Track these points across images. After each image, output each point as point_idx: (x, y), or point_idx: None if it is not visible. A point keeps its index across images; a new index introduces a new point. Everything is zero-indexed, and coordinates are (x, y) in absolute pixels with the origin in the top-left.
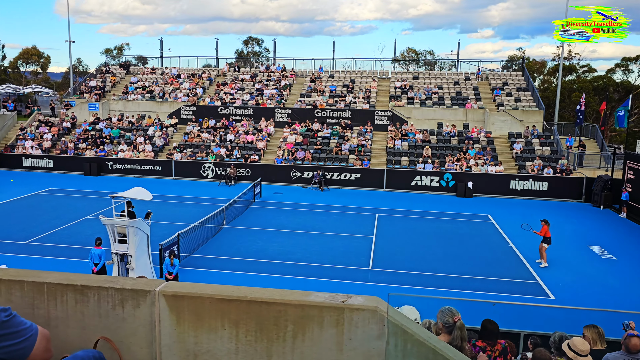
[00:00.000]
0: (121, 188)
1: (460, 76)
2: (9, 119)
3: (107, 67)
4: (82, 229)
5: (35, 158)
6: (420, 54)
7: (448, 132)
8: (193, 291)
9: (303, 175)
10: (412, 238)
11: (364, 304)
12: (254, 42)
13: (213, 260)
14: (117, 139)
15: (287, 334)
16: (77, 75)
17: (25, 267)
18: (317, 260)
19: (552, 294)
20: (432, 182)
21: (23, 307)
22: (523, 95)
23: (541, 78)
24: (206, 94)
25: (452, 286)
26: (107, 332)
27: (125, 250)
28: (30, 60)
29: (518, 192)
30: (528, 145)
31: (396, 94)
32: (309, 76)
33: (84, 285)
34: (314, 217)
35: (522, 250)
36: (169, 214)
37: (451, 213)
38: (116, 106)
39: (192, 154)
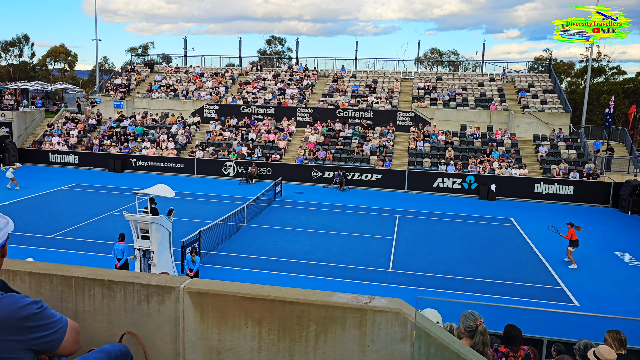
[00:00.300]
0: (144, 185)
1: (484, 77)
2: (37, 115)
3: (132, 65)
4: (106, 224)
5: (61, 154)
6: (444, 55)
7: (471, 133)
8: (217, 289)
9: (324, 175)
10: (433, 240)
11: (388, 306)
12: (276, 42)
13: (233, 258)
14: (141, 137)
15: (309, 334)
16: (103, 73)
17: (51, 261)
18: (337, 260)
19: (577, 301)
20: (454, 184)
21: (52, 300)
22: (549, 97)
23: (568, 80)
24: (229, 93)
25: (473, 290)
26: (132, 327)
27: (147, 246)
28: (58, 58)
29: (542, 195)
30: (554, 149)
31: (419, 94)
32: (331, 76)
33: (110, 280)
34: (334, 217)
35: (545, 254)
36: (191, 211)
37: (473, 216)
38: (140, 104)
39: (214, 152)
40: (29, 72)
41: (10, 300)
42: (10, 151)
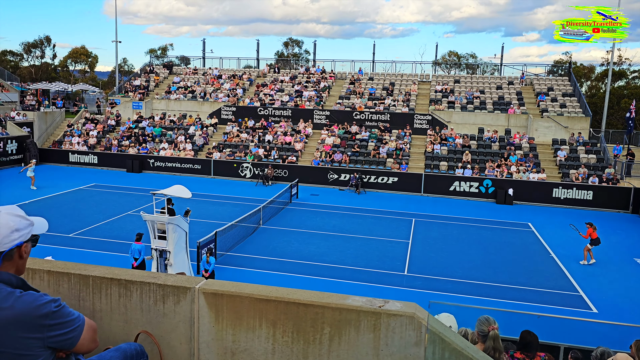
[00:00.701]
0: (162, 185)
1: (503, 80)
2: (57, 115)
3: (151, 67)
4: (124, 224)
5: (80, 154)
6: (462, 58)
7: (489, 137)
8: (232, 290)
9: (340, 178)
10: (450, 244)
11: (402, 310)
12: (294, 44)
13: (249, 259)
14: (159, 137)
15: (323, 337)
16: (123, 75)
17: (69, 259)
18: (352, 263)
19: (595, 307)
20: (471, 188)
21: (70, 299)
22: (569, 101)
23: (589, 84)
24: (246, 95)
25: (489, 295)
26: (148, 327)
27: (164, 246)
28: (78, 60)
29: (561, 200)
30: (573, 153)
31: (436, 97)
32: (348, 78)
33: (127, 280)
34: (350, 219)
35: (563, 260)
36: (207, 212)
37: (490, 220)
38: (159, 105)
39: (231, 153)
40: (50, 73)
41: (29, 298)
42: (32, 151)
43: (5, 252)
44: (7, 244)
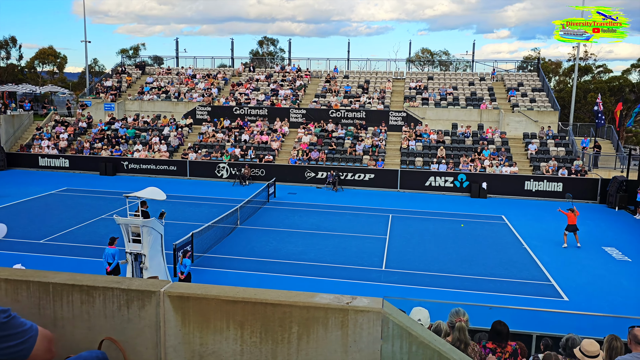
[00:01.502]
0: (136, 188)
1: (475, 77)
2: (25, 118)
3: (123, 67)
4: (97, 228)
5: (51, 158)
6: (435, 55)
7: (462, 132)
8: (198, 292)
9: (317, 176)
10: (426, 239)
11: (369, 306)
12: (269, 43)
13: (227, 260)
14: (133, 139)
15: (292, 336)
16: (93, 76)
17: (41, 266)
18: (331, 260)
19: (566, 296)
20: (446, 183)
21: (30, 308)
22: (538, 95)
23: (557, 79)
24: (221, 94)
25: (465, 287)
26: (112, 333)
27: (139, 249)
28: (47, 61)
29: (533, 192)
30: (543, 146)
31: (411, 94)
32: (323, 77)
33: (90, 285)
34: (328, 217)
35: (536, 251)
36: (183, 214)
37: (465, 214)
38: (132, 106)
39: (207, 154)
40: (17, 74)
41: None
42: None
43: None
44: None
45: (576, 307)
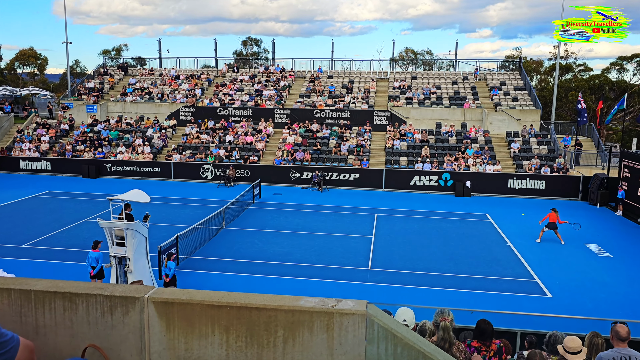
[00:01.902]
0: (120, 190)
1: (458, 76)
2: (5, 121)
3: (105, 68)
4: (80, 232)
5: (32, 160)
6: (418, 54)
7: (446, 131)
8: (183, 297)
9: (302, 176)
10: (411, 238)
11: (354, 309)
12: (252, 43)
13: (212, 262)
14: (116, 141)
15: (277, 339)
16: (75, 77)
17: (23, 271)
18: (316, 260)
19: (550, 292)
20: (431, 182)
21: (11, 316)
22: (520, 94)
23: (538, 77)
24: (205, 95)
25: (450, 285)
26: (96, 340)
27: (123, 253)
28: (27, 62)
29: (516, 191)
30: (525, 145)
31: (395, 94)
32: (308, 77)
33: (72, 292)
34: (313, 217)
35: (520, 249)
36: (168, 216)
37: (450, 212)
38: (114, 108)
39: (191, 155)
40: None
41: None
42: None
43: None
44: None
45: (559, 303)
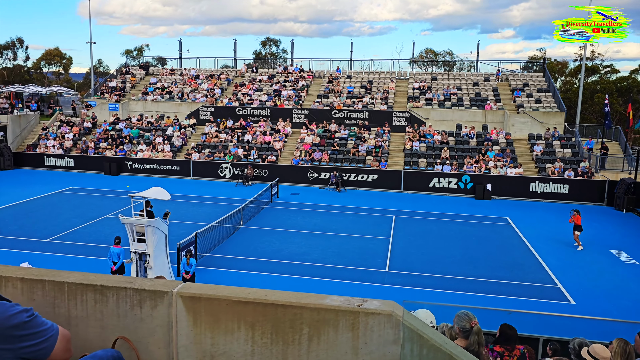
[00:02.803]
0: (140, 187)
1: (479, 77)
2: (31, 118)
3: (127, 68)
4: (102, 227)
5: (56, 157)
6: (439, 55)
7: (467, 133)
8: (210, 293)
9: (320, 176)
10: (430, 240)
11: (380, 309)
12: (271, 43)
13: (230, 260)
14: (137, 139)
15: (302, 337)
16: (98, 76)
17: (46, 265)
18: (334, 261)
19: (573, 299)
20: (450, 184)
21: (44, 306)
22: (544, 96)
23: (563, 79)
24: (224, 95)
25: (470, 289)
26: (125, 332)
27: (143, 249)
28: (52, 61)
29: (538, 194)
30: (549, 147)
31: (414, 95)
32: (326, 77)
33: (103, 285)
34: (331, 218)
35: (541, 253)
36: (187, 214)
37: (469, 215)
38: (136, 106)
39: (210, 154)
40: (24, 75)
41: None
42: (5, 155)
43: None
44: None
45: (583, 310)
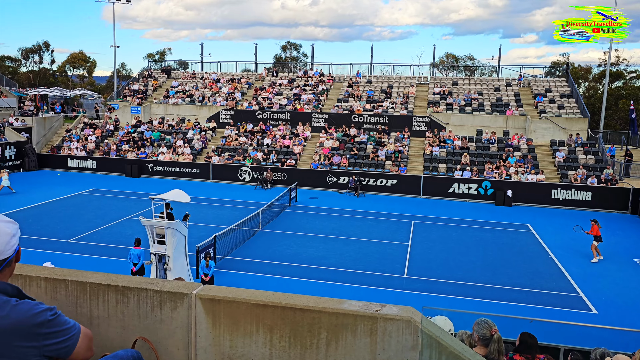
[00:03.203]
0: (161, 190)
1: (501, 82)
2: (56, 121)
3: (150, 71)
4: (123, 229)
5: (79, 159)
6: (459, 60)
7: (487, 139)
8: (229, 295)
9: (339, 181)
10: (449, 246)
11: (398, 314)
12: (292, 47)
13: (248, 263)
14: (158, 142)
15: (320, 341)
16: (121, 79)
17: (68, 265)
18: (352, 266)
19: (595, 308)
20: (470, 190)
21: (67, 306)
22: (567, 102)
23: (586, 84)
24: (244, 99)
25: (489, 296)
26: (145, 333)
27: (163, 251)
28: (77, 65)
29: (560, 201)
30: (571, 154)
31: (434, 99)
32: (346, 81)
33: (124, 286)
34: (349, 222)
35: (563, 261)
36: (206, 216)
37: (489, 222)
38: (157, 109)
39: (230, 157)
40: (49, 78)
41: (25, 306)
42: (30, 156)
43: (9, 258)
44: (9, 251)
45: (606, 320)
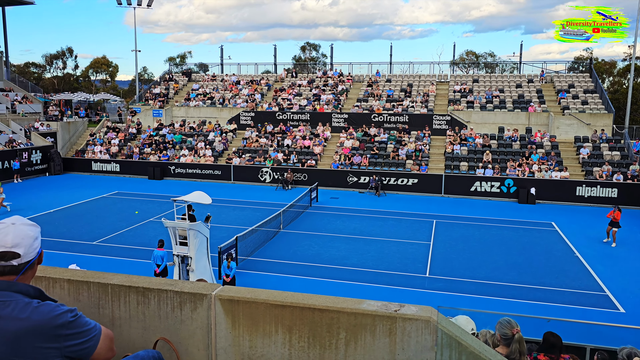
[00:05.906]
0: (183, 192)
1: (522, 79)
2: (80, 125)
3: (171, 74)
4: (146, 231)
5: (103, 162)
6: (480, 57)
7: (509, 136)
8: (248, 296)
9: (359, 180)
10: (471, 245)
11: (417, 314)
12: (311, 48)
13: (269, 264)
14: (179, 144)
15: (339, 342)
16: (143, 83)
17: (93, 267)
18: (373, 266)
19: (622, 307)
20: (493, 188)
21: (90, 307)
22: (591, 97)
23: (611, 79)
24: (264, 100)
25: (513, 296)
26: (166, 333)
27: (185, 252)
28: (100, 70)
29: (585, 199)
30: (596, 150)
31: (455, 97)
32: (365, 81)
33: (145, 287)
34: (370, 222)
35: (589, 260)
36: (228, 218)
37: (512, 220)
38: (178, 112)
39: (251, 158)
40: (73, 83)
41: (46, 308)
42: (55, 160)
43: (32, 260)
44: (32, 253)
45: (633, 319)
